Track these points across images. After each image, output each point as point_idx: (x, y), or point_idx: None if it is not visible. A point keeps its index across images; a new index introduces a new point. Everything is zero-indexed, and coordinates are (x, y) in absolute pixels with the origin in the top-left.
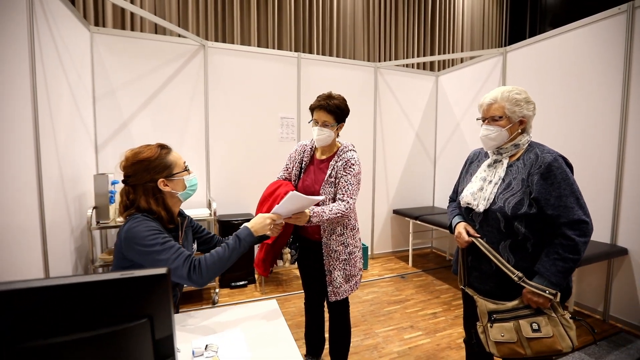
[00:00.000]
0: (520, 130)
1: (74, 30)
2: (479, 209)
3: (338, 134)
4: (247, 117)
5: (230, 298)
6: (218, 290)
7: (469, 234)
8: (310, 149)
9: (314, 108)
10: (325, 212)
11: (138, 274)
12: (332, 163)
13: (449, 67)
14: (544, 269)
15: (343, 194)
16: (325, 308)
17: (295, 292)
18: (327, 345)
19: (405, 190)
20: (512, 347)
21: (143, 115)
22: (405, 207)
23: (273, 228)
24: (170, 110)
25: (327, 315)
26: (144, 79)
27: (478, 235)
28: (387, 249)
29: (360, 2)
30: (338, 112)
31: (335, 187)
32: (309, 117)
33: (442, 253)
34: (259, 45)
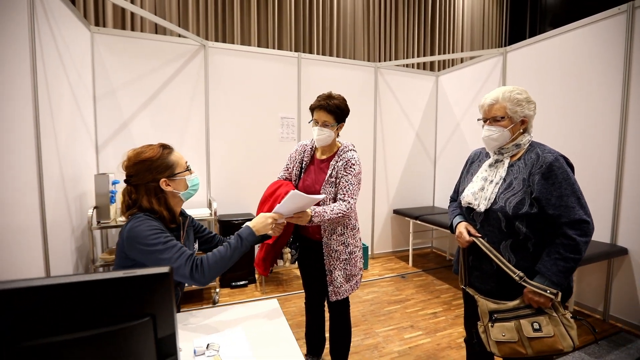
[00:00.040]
0: (522, 130)
1: (75, 30)
2: (480, 209)
3: (338, 134)
4: (247, 117)
5: (231, 298)
6: (218, 290)
7: (470, 234)
8: (311, 149)
9: (314, 108)
10: (327, 212)
11: (140, 273)
12: (332, 163)
13: (449, 67)
14: (545, 269)
15: (344, 194)
16: (326, 308)
17: (296, 291)
18: (327, 345)
19: (406, 190)
20: (513, 346)
21: (143, 115)
22: (406, 207)
23: (275, 227)
24: (171, 110)
25: (327, 315)
26: (145, 79)
27: (479, 235)
28: (387, 249)
29: (360, 2)
30: (338, 112)
31: (336, 187)
32: (309, 117)
33: (442, 253)
34: (259, 45)
